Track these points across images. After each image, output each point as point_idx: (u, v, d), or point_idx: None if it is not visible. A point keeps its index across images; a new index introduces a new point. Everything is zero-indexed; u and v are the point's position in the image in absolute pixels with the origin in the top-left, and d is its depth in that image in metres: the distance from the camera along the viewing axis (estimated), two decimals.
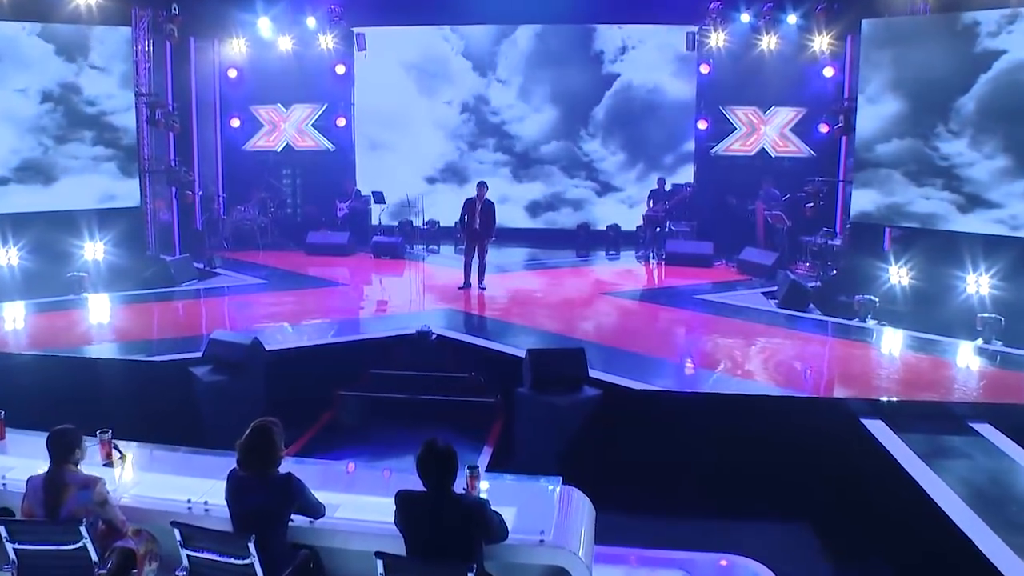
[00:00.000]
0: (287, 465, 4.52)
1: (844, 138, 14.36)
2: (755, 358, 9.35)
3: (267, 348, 8.55)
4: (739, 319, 11.00)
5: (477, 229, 12.28)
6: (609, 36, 17.21)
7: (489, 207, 12.38)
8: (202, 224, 16.43)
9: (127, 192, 13.74)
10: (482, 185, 12.41)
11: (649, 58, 17.08)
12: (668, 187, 16.12)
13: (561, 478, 4.94)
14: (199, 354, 8.43)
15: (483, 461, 7.51)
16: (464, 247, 12.62)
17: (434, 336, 9.56)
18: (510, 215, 17.00)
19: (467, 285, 12.42)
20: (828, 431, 7.29)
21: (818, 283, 12.67)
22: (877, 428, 7.27)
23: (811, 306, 11.61)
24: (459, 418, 8.32)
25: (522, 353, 8.15)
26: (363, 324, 10.96)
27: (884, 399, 7.79)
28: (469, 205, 12.39)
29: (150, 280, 12.48)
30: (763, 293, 12.49)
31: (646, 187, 16.49)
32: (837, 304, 11.64)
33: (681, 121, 16.97)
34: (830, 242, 13.26)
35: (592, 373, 7.83)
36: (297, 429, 8.04)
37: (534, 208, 17.72)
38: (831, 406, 7.76)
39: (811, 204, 13.50)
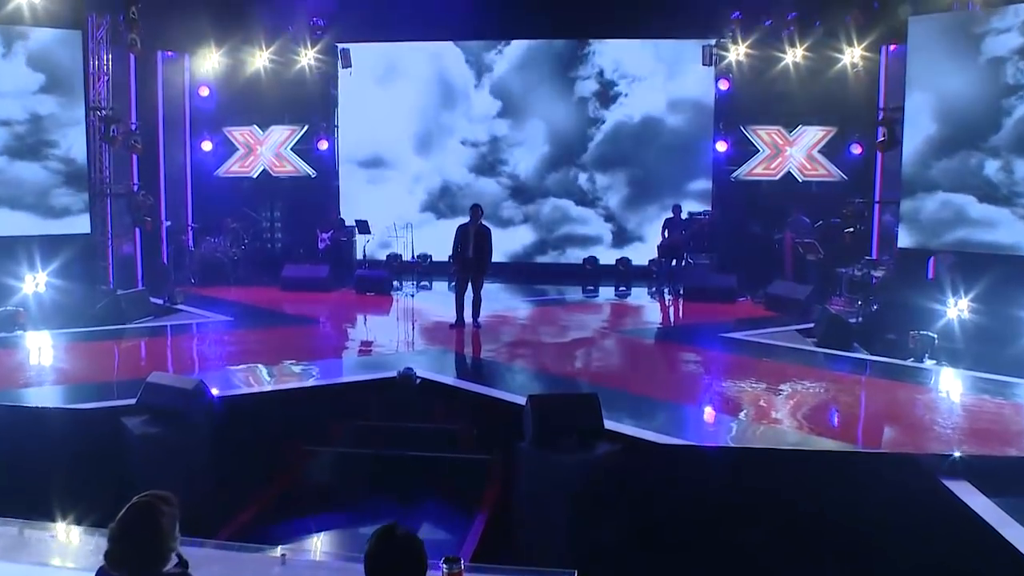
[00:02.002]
0: (198, 555, 3.33)
1: (880, 157, 13.46)
2: (802, 405, 8.24)
3: (215, 394, 7.43)
4: (775, 360, 10.01)
5: (471, 259, 11.30)
6: (616, 54, 16.39)
7: (484, 233, 11.38)
8: (168, 257, 15.39)
9: (79, 218, 12.58)
10: (476, 208, 11.43)
11: (661, 76, 16.30)
12: (685, 215, 15.11)
13: (575, 573, 3.71)
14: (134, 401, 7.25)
15: (473, 537, 6.37)
16: (456, 280, 11.52)
17: (418, 380, 8.53)
18: (510, 248, 16.23)
19: (459, 323, 11.38)
20: (903, 493, 6.20)
21: (859, 319, 11.62)
22: (963, 490, 6.11)
23: (854, 345, 10.59)
24: (446, 479, 7.30)
25: (523, 400, 7.03)
26: (336, 367, 9.83)
27: (966, 454, 6.58)
28: (462, 232, 11.43)
29: (98, 316, 11.39)
30: (797, 330, 11.52)
31: (659, 217, 15.53)
32: (885, 342, 10.61)
33: (698, 143, 16.14)
34: (872, 273, 12.14)
35: (608, 424, 6.76)
36: (248, 494, 7.00)
37: (536, 241, 16.85)
38: (903, 463, 6.57)
39: (851, 229, 12.45)
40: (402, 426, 7.88)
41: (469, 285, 11.34)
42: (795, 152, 15.46)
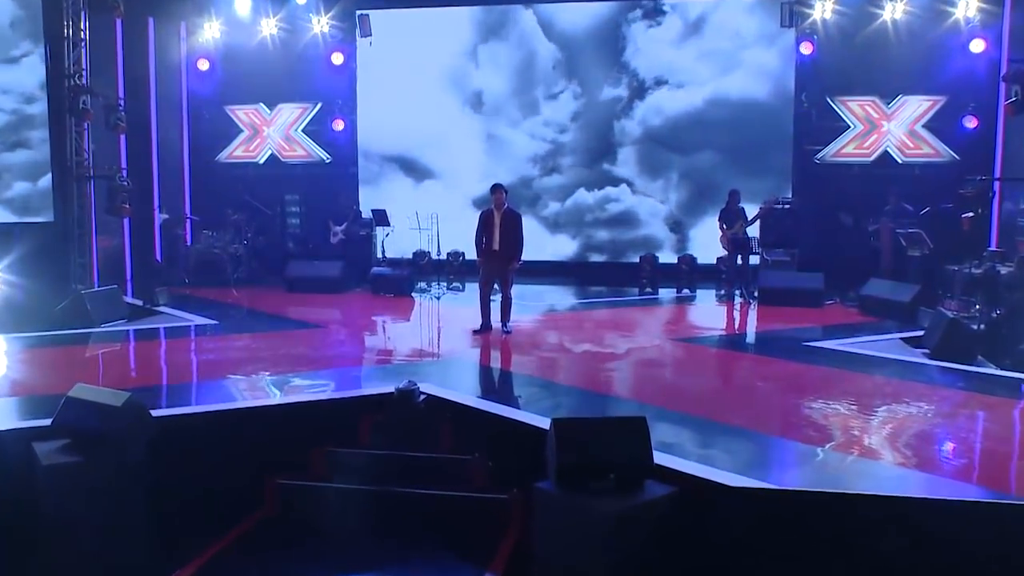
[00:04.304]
0: None
1: (1002, 129, 12.17)
2: (923, 435, 6.81)
3: (155, 413, 6.45)
4: (877, 375, 8.58)
5: (497, 251, 10.23)
6: (675, 13, 15.39)
7: (513, 219, 10.33)
8: (162, 253, 14.63)
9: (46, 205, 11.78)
10: (498, 189, 10.39)
11: (730, 39, 15.23)
12: (762, 203, 13.97)
13: None
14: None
15: None
16: (480, 276, 10.51)
17: (422, 397, 7.46)
18: (556, 245, 15.74)
19: (486, 327, 10.34)
20: None
21: (981, 326, 10.18)
22: None
23: (979, 357, 9.27)
24: (453, 524, 6.36)
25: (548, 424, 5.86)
26: (323, 379, 8.66)
27: None
28: (485, 219, 10.40)
29: (59, 319, 10.60)
30: (902, 339, 10.27)
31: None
32: (1019, 354, 9.18)
33: (774, 119, 15.03)
34: (998, 267, 10.62)
35: (659, 458, 5.54)
36: (196, 541, 6.09)
37: (585, 237, 16.04)
38: None
39: (970, 214, 11.00)
40: (399, 455, 6.96)
41: (497, 282, 10.34)
42: (894, 127, 14.56)
